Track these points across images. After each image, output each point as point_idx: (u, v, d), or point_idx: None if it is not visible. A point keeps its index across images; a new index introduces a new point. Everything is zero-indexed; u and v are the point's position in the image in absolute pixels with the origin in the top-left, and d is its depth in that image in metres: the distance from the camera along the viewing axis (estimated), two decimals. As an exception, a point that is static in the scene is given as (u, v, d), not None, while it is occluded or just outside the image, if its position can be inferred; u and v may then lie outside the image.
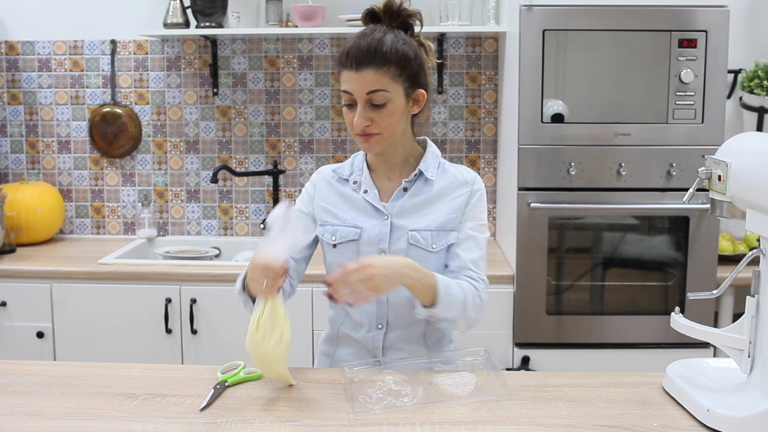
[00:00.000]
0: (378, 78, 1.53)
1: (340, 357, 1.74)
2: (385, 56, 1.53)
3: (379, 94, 1.54)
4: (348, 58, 1.54)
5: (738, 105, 3.08)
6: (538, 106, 2.61)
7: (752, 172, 1.29)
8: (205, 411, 1.40)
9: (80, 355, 2.75)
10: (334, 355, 1.76)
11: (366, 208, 1.67)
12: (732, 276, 1.42)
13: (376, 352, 1.68)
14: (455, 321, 1.58)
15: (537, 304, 2.67)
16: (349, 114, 1.59)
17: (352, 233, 1.65)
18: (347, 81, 1.55)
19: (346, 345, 1.73)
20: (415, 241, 1.63)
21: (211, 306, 2.74)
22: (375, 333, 1.68)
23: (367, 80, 1.53)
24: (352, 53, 1.54)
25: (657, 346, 2.69)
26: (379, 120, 1.56)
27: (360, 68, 1.53)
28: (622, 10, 2.58)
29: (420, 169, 1.67)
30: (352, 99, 1.56)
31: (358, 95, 1.55)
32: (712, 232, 2.66)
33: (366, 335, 1.68)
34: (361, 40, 1.55)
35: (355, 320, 1.70)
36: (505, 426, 1.33)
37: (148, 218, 3.29)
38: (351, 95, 1.56)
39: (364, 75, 1.53)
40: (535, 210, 2.63)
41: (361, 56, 1.53)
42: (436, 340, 1.72)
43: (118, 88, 3.29)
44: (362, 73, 1.53)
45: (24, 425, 1.34)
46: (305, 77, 3.25)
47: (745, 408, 1.29)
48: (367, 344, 1.68)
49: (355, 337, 1.70)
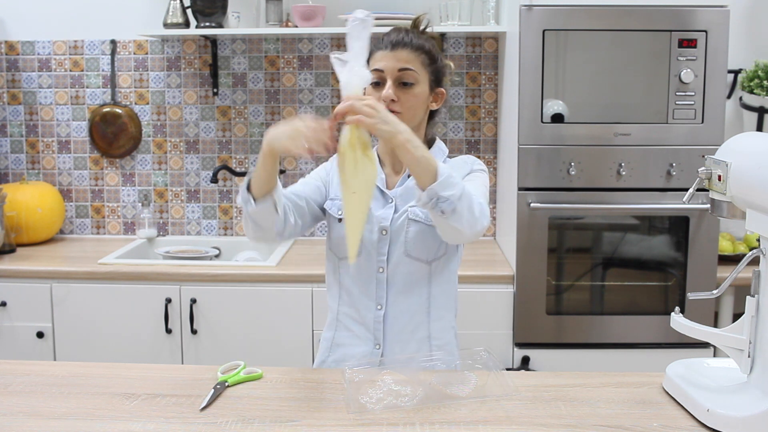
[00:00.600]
0: (411, 58, 1.63)
1: (339, 341, 1.74)
2: (419, 44, 1.65)
3: (409, 73, 1.62)
4: (383, 42, 1.64)
5: (738, 105, 3.08)
6: (538, 106, 2.61)
7: (752, 172, 1.29)
8: (205, 411, 1.40)
9: (80, 355, 2.75)
10: (333, 338, 1.76)
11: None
12: (732, 276, 1.42)
13: (377, 334, 1.69)
14: (459, 210, 1.45)
15: (537, 304, 2.67)
16: (372, 93, 1.64)
17: None
18: (380, 59, 1.64)
19: (345, 329, 1.74)
20: (414, 216, 1.67)
21: (211, 306, 2.74)
22: (375, 314, 1.69)
23: (400, 58, 1.62)
24: (388, 38, 1.65)
25: (657, 346, 2.69)
26: (404, 99, 1.63)
27: (395, 48, 1.63)
28: (622, 10, 2.58)
29: None
30: (381, 77, 1.63)
31: (390, 71, 1.62)
32: (712, 232, 2.66)
33: (366, 315, 1.69)
34: (396, 31, 1.66)
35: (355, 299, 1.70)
36: (505, 426, 1.34)
37: (148, 218, 3.29)
38: (381, 72, 1.63)
39: (398, 54, 1.62)
40: (535, 210, 2.63)
41: (397, 39, 1.64)
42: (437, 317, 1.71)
43: (118, 88, 3.29)
44: (396, 52, 1.63)
45: (24, 425, 1.34)
46: (305, 77, 3.25)
47: (745, 408, 1.29)
48: (369, 326, 1.69)
49: (354, 317, 1.71)
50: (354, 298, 1.71)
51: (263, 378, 1.56)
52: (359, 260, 1.67)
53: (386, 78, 1.62)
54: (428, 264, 1.69)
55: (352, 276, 1.70)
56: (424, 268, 1.68)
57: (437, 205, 1.44)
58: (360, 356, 1.69)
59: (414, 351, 1.70)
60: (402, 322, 1.69)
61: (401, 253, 1.67)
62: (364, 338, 1.70)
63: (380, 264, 1.68)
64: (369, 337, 1.70)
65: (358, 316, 1.71)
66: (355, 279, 1.69)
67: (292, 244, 3.15)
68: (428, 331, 1.71)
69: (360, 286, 1.69)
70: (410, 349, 1.70)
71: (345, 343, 1.73)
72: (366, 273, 1.68)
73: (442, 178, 1.44)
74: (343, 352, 1.73)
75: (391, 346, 1.69)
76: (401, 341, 1.70)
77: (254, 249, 3.20)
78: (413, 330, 1.70)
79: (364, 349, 1.71)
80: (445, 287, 1.73)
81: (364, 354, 1.70)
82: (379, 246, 1.67)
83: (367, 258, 1.67)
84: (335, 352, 1.75)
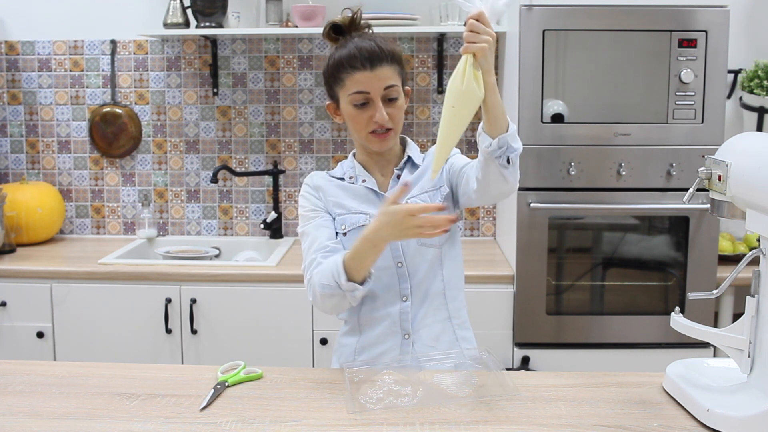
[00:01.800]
0: (390, 73, 1.62)
1: (365, 343, 1.74)
2: (392, 54, 1.63)
3: (393, 89, 1.63)
4: (359, 60, 1.60)
5: (738, 105, 3.08)
6: (538, 106, 2.61)
7: (752, 172, 1.29)
8: (205, 411, 1.41)
9: (80, 355, 2.75)
10: (358, 343, 1.74)
11: (367, 195, 1.72)
12: (732, 276, 1.42)
13: (404, 325, 1.69)
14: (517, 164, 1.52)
15: (537, 304, 2.67)
16: (361, 114, 1.63)
17: (361, 219, 1.69)
18: (361, 81, 1.61)
19: (370, 331, 1.73)
20: None
21: (211, 306, 2.74)
22: (401, 306, 1.69)
23: (382, 77, 1.61)
24: (362, 54, 1.60)
25: (657, 346, 2.69)
26: (393, 114, 1.64)
27: (374, 66, 1.60)
28: (622, 10, 2.58)
29: (408, 155, 1.76)
30: (366, 98, 1.62)
31: (376, 92, 1.61)
32: (712, 232, 2.66)
33: (391, 311, 1.69)
34: (362, 44, 1.62)
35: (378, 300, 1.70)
36: (505, 426, 1.34)
37: (148, 218, 3.29)
38: (365, 94, 1.61)
39: (380, 72, 1.60)
40: (535, 210, 2.63)
41: (373, 55, 1.60)
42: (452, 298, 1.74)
43: (118, 88, 3.29)
44: (377, 70, 1.60)
45: (24, 425, 1.34)
46: (305, 77, 3.25)
47: (745, 408, 1.29)
48: (395, 319, 1.70)
49: (380, 317, 1.71)
50: (377, 299, 1.71)
51: (263, 378, 1.57)
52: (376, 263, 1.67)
53: (372, 99, 1.62)
54: (439, 248, 1.71)
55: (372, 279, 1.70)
56: (436, 253, 1.71)
57: (505, 153, 1.49)
58: (390, 350, 1.70)
59: (439, 332, 1.71)
60: (425, 308, 1.71)
61: (414, 244, 1.69)
62: (392, 332, 1.71)
63: (398, 259, 1.69)
64: (397, 330, 1.70)
65: (383, 313, 1.71)
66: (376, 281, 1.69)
67: (292, 244, 3.15)
68: (448, 312, 1.73)
69: (383, 285, 1.69)
70: (436, 331, 1.71)
71: (372, 344, 1.73)
72: (387, 272, 1.69)
73: (512, 130, 1.49)
74: (370, 352, 1.73)
75: (418, 334, 1.70)
76: (426, 326, 1.71)
77: (254, 249, 3.20)
78: (434, 313, 1.72)
79: (393, 342, 1.71)
80: (454, 268, 1.75)
81: (393, 346, 1.70)
82: (393, 243, 1.68)
83: (383, 258, 1.67)
84: (362, 355, 1.74)
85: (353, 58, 1.60)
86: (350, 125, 1.68)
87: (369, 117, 1.63)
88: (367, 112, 1.63)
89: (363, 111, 1.63)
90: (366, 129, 1.65)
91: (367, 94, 1.61)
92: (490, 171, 1.53)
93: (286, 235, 3.32)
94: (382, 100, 1.62)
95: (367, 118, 1.63)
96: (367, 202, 1.71)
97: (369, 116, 1.63)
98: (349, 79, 1.62)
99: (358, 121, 1.65)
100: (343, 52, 1.63)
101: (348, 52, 1.61)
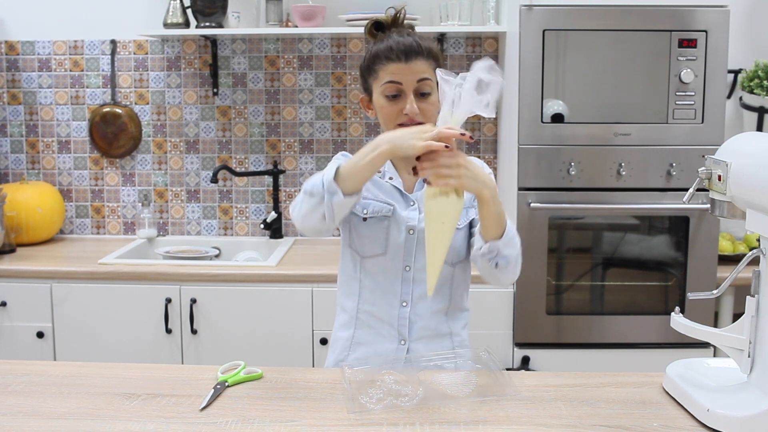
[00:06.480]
0: (426, 67, 1.61)
1: (360, 339, 1.73)
2: (429, 50, 1.63)
3: (427, 83, 1.61)
4: (395, 53, 1.60)
5: (738, 105, 3.08)
6: (538, 106, 2.61)
7: (752, 172, 1.29)
8: (205, 411, 1.40)
9: (80, 355, 2.75)
10: (353, 337, 1.74)
11: (392, 192, 1.70)
12: (732, 276, 1.42)
13: (402, 330, 1.69)
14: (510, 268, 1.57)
15: (537, 304, 2.67)
16: (392, 106, 1.62)
17: (385, 209, 1.67)
18: (395, 72, 1.60)
19: (366, 327, 1.72)
20: None
21: (211, 306, 2.74)
22: (400, 310, 1.69)
23: (416, 70, 1.60)
24: (399, 47, 1.60)
25: (657, 346, 2.69)
26: (424, 109, 1.62)
27: (409, 59, 1.60)
28: (622, 10, 2.58)
29: None
30: (398, 89, 1.61)
31: (408, 84, 1.60)
32: (712, 232, 2.66)
33: (390, 312, 1.69)
34: (400, 38, 1.62)
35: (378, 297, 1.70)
36: (505, 426, 1.33)
37: (148, 218, 3.29)
38: (398, 85, 1.60)
39: (414, 65, 1.60)
40: (535, 210, 2.63)
41: (410, 49, 1.60)
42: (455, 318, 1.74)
43: (118, 88, 3.29)
44: (412, 63, 1.60)
45: (24, 425, 1.34)
46: (305, 77, 3.25)
47: (745, 408, 1.29)
48: (393, 322, 1.69)
49: (377, 315, 1.70)
50: (377, 296, 1.70)
51: (263, 378, 1.56)
52: (384, 259, 1.67)
53: (404, 91, 1.60)
54: (452, 266, 1.70)
55: (377, 274, 1.69)
56: (447, 270, 1.69)
57: (494, 258, 1.54)
58: (385, 353, 1.69)
59: (437, 347, 1.70)
60: (425, 319, 1.70)
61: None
62: (388, 335, 1.70)
63: (407, 263, 1.67)
64: (393, 334, 1.69)
65: (382, 314, 1.70)
66: (380, 277, 1.68)
67: (292, 244, 3.15)
68: (449, 329, 1.73)
69: (385, 284, 1.69)
70: (434, 346, 1.70)
71: (367, 341, 1.72)
72: (392, 271, 1.68)
73: (507, 237, 1.51)
74: (365, 350, 1.72)
75: (415, 343, 1.69)
76: (425, 337, 1.70)
77: (254, 249, 3.20)
78: (435, 327, 1.71)
79: (389, 346, 1.70)
80: (461, 290, 1.74)
81: (389, 351, 1.69)
82: (407, 245, 1.67)
83: (393, 257, 1.67)
84: (356, 350, 1.73)
85: (389, 50, 1.61)
86: (381, 117, 1.65)
87: (399, 109, 1.60)
88: (398, 105, 1.61)
89: (394, 103, 1.61)
90: (396, 121, 1.61)
91: (399, 85, 1.60)
92: (481, 267, 1.58)
93: (286, 235, 3.32)
94: (414, 94, 1.60)
95: (397, 110, 1.61)
96: (392, 198, 1.69)
97: (400, 108, 1.60)
98: (383, 71, 1.61)
99: (388, 112, 1.62)
100: (380, 45, 1.63)
101: (385, 45, 1.62)
